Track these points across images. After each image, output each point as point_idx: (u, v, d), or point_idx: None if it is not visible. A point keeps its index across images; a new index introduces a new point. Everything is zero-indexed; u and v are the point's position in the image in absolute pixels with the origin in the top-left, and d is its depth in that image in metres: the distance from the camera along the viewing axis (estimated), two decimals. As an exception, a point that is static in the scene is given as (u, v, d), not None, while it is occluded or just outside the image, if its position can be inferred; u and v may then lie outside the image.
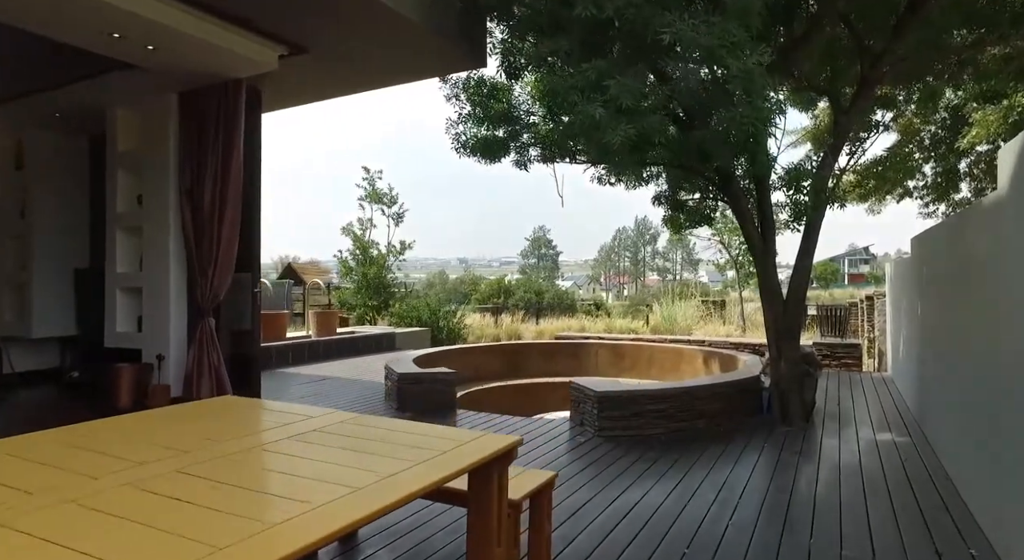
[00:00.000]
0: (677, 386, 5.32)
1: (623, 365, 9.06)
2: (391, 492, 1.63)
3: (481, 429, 5.49)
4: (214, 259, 5.83)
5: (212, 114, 5.81)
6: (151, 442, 2.16)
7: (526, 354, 9.40)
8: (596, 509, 3.66)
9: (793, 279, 5.73)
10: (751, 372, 6.07)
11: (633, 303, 39.26)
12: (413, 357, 7.87)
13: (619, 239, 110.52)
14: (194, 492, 1.63)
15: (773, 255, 5.76)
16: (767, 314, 5.82)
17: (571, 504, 3.72)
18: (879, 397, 6.94)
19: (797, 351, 5.72)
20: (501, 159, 6.55)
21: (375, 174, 14.80)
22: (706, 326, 17.49)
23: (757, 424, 5.61)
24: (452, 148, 6.17)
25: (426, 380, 6.15)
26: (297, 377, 8.46)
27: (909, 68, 6.19)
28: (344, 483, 1.69)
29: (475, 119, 6.26)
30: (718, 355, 7.89)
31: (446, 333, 13.45)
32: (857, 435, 5.29)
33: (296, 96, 6.89)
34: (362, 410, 6.16)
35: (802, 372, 5.71)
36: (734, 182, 5.67)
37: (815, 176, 5.04)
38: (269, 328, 10.17)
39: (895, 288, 8.01)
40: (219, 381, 5.88)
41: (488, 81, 6.25)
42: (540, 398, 8.42)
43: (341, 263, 14.58)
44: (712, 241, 19.71)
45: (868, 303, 11.05)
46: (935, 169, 12.15)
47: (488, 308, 26.87)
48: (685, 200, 6.98)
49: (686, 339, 10.16)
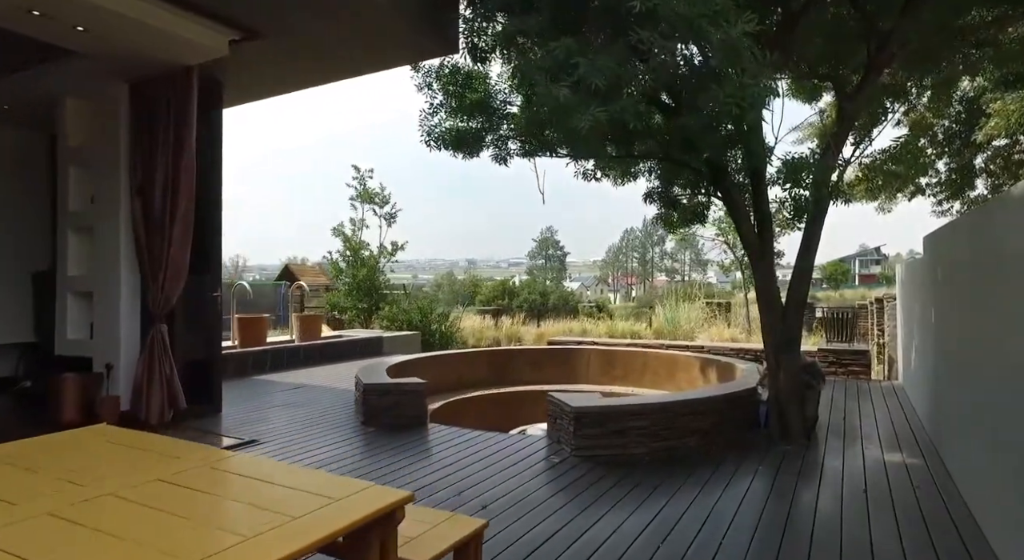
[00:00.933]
0: (662, 400, 4.82)
1: (615, 373, 8.57)
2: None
3: (448, 446, 5.03)
4: (165, 262, 5.41)
5: (163, 105, 5.40)
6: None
7: (513, 360, 8.92)
8: (560, 544, 3.19)
9: (793, 283, 5.23)
10: (748, 383, 5.57)
11: (640, 304, 38.70)
12: (389, 365, 7.42)
13: (627, 240, 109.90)
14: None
15: (771, 256, 5.26)
16: (764, 321, 5.32)
17: (532, 538, 3.25)
18: (889, 410, 6.41)
19: (798, 361, 5.21)
20: (478, 153, 6.09)
21: (365, 173, 14.40)
22: (710, 329, 16.94)
23: (753, 441, 5.11)
24: (422, 142, 5.72)
25: (394, 392, 5.70)
26: (271, 385, 8.04)
27: (920, 51, 5.66)
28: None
29: (448, 109, 5.81)
30: (715, 363, 7.39)
31: (438, 337, 13.00)
32: (864, 456, 4.78)
33: (258, 88, 6.48)
34: (327, 426, 5.72)
35: (803, 384, 5.21)
36: (727, 176, 5.18)
37: (817, 168, 4.54)
38: (249, 333, 9.78)
39: (906, 291, 7.47)
40: (171, 392, 5.46)
41: (463, 69, 5.80)
42: (525, 408, 7.95)
43: (331, 265, 14.17)
44: (716, 241, 19.16)
45: (878, 306, 10.48)
46: (949, 165, 11.56)
47: (489, 310, 26.47)
48: (678, 197, 6.49)
49: (684, 345, 9.65)
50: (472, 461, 4.64)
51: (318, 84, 6.36)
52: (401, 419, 5.66)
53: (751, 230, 5.23)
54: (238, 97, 6.54)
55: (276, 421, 5.90)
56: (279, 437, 5.31)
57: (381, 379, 5.92)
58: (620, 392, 8.16)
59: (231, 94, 6.36)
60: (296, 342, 10.53)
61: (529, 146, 5.94)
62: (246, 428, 5.65)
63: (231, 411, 6.30)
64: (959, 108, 10.42)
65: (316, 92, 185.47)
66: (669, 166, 5.90)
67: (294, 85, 6.41)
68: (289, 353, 9.78)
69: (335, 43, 5.36)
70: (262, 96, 6.68)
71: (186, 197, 5.42)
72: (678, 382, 8.04)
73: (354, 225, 14.74)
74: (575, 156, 5.44)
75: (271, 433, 5.44)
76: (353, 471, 4.40)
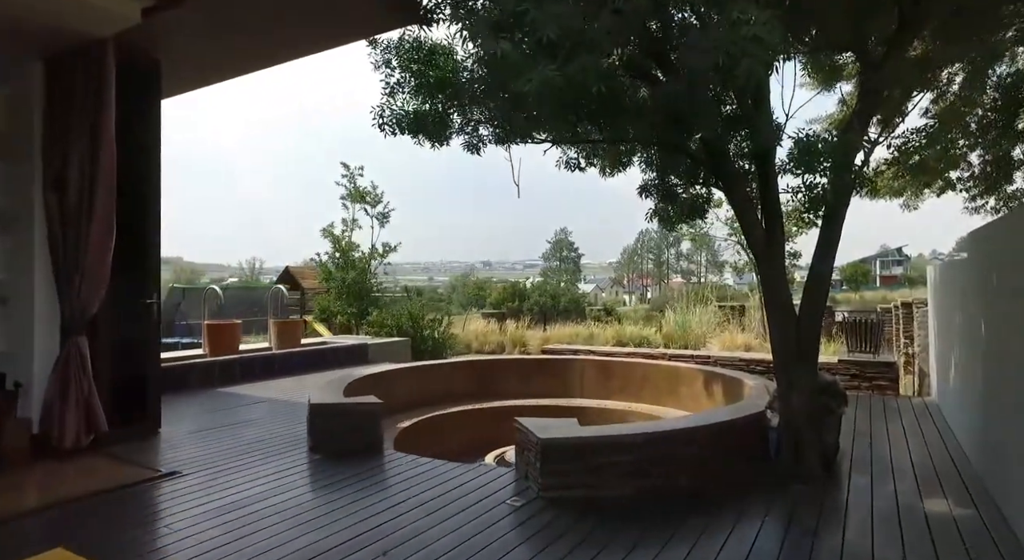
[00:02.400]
0: (649, 430, 4.01)
1: (612, 386, 7.76)
2: None
3: (400, 480, 4.28)
4: (81, 265, 4.73)
5: (79, 85, 4.72)
6: None
7: (501, 371, 8.15)
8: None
9: (809, 289, 4.39)
10: (755, 405, 4.74)
11: (654, 306, 37.66)
12: (357, 377, 6.70)
13: (642, 241, 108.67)
14: None
15: (781, 258, 4.44)
16: (774, 334, 4.49)
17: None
18: (923, 435, 5.53)
19: (814, 380, 4.38)
20: (447, 140, 5.33)
21: (355, 171, 13.72)
22: (722, 334, 16.01)
23: (760, 478, 4.29)
24: (375, 125, 4.97)
25: (345, 413, 4.96)
26: (233, 398, 7.35)
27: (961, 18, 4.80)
28: None
29: (408, 88, 5.06)
30: (720, 378, 6.55)
31: (431, 344, 12.26)
32: (898, 501, 3.91)
33: (200, 71, 5.80)
34: (271, 451, 5.00)
35: (821, 408, 4.37)
36: (728, 162, 4.37)
37: (837, 148, 3.71)
38: (219, 340, 9.13)
39: (942, 296, 6.56)
40: (89, 414, 4.77)
41: (426, 43, 5.06)
42: (508, 425, 7.16)
43: (320, 267, 13.52)
44: (729, 241, 18.21)
45: (905, 311, 9.52)
46: (983, 157, 10.58)
47: (494, 313, 25.72)
48: (675, 189, 5.67)
49: (689, 354, 8.79)
50: (421, 501, 3.88)
51: (267, 64, 5.67)
52: (353, 444, 4.92)
53: (757, 225, 4.41)
54: (180, 83, 5.86)
55: (216, 444, 5.19)
56: (209, 466, 4.60)
57: (333, 397, 5.19)
58: (616, 408, 7.36)
59: (173, 80, 5.69)
60: (273, 350, 9.87)
61: (501, 131, 5.18)
62: (177, 453, 4.95)
63: (172, 431, 5.61)
64: (995, 94, 9.46)
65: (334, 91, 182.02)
66: (664, 153, 5.09)
67: (239, 66, 5.71)
68: (263, 362, 9.10)
69: (272, 11, 4.66)
70: (207, 81, 6.00)
71: (106, 191, 4.74)
72: (680, 397, 7.21)
73: (346, 226, 14.08)
74: (518, 135, 4.66)
75: (202, 460, 4.73)
76: (274, 513, 3.67)
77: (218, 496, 3.98)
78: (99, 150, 4.67)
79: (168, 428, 5.68)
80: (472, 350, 21.93)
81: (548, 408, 7.49)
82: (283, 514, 3.68)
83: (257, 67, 5.72)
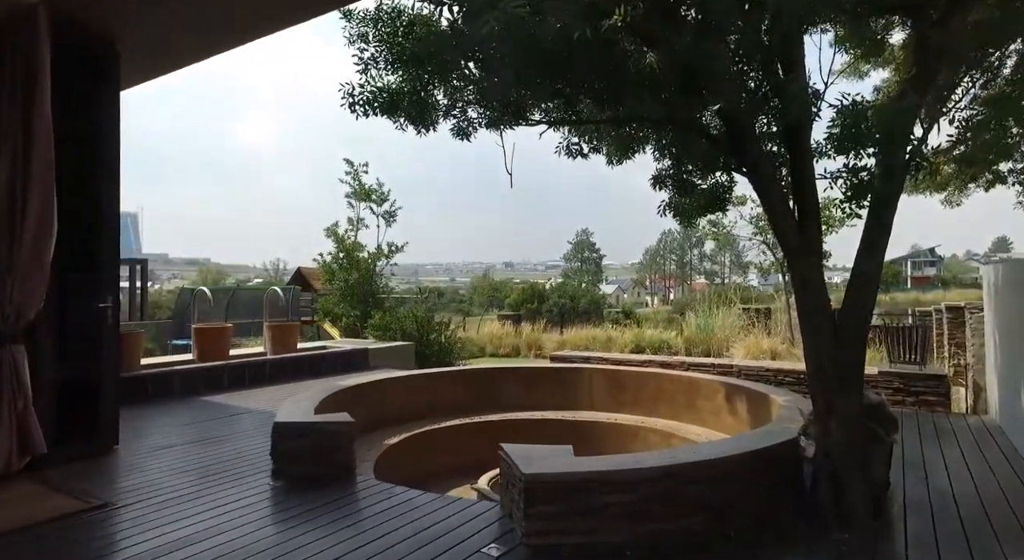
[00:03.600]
0: (656, 464, 3.30)
1: (623, 398, 7.05)
2: None
3: (367, 516, 3.67)
4: (13, 266, 4.20)
5: (7, 58, 4.19)
6: None
7: (503, 381, 7.50)
8: None
9: (851, 293, 3.65)
10: (786, 430, 4.01)
11: (676, 308, 36.63)
12: (340, 388, 6.11)
13: (664, 241, 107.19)
14: None
15: (817, 255, 3.70)
16: (809, 346, 3.75)
17: None
18: (988, 462, 4.72)
19: (859, 403, 3.63)
20: (432, 124, 4.70)
21: (360, 167, 13.19)
22: (747, 338, 15.13)
23: (792, 523, 3.56)
24: (343, 106, 4.35)
25: (313, 433, 4.35)
26: (213, 408, 6.83)
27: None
28: None
29: (385, 62, 4.44)
30: (744, 392, 5.80)
31: (436, 349, 11.66)
32: (971, 554, 3.16)
33: (164, 53, 5.25)
34: (231, 475, 4.43)
35: (867, 436, 3.63)
36: (753, 142, 3.65)
37: (896, 117, 2.98)
38: (207, 345, 8.62)
39: (1006, 300, 5.71)
40: (23, 434, 4.24)
41: (407, 12, 4.43)
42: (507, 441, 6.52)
43: (324, 268, 13.02)
44: (754, 241, 17.28)
45: (952, 316, 8.61)
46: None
47: (510, 315, 25.08)
48: (693, 178, 4.96)
49: (711, 363, 8.02)
50: (389, 543, 3.26)
51: (235, 42, 5.09)
52: (321, 469, 4.31)
53: (788, 217, 3.69)
54: (143, 68, 5.34)
55: (174, 466, 4.63)
56: (156, 493, 4.03)
57: (300, 415, 4.58)
58: (628, 423, 6.65)
59: (135, 65, 5.17)
60: (268, 355, 9.36)
61: (490, 112, 4.53)
62: (126, 478, 4.41)
63: (129, 450, 5.07)
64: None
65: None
66: (678, 135, 4.39)
67: (210, 43, 5.15)
68: (253, 368, 8.58)
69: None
70: (174, 65, 5.45)
71: (43, 187, 4.21)
72: (698, 411, 6.48)
73: (351, 225, 13.56)
74: (509, 116, 4.01)
75: (150, 487, 4.16)
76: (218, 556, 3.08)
77: (156, 532, 3.41)
78: (33, 136, 4.15)
79: (128, 445, 5.14)
80: (486, 353, 21.36)
81: (551, 422, 6.84)
82: (227, 557, 3.09)
83: (221, 47, 5.16)
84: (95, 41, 4.77)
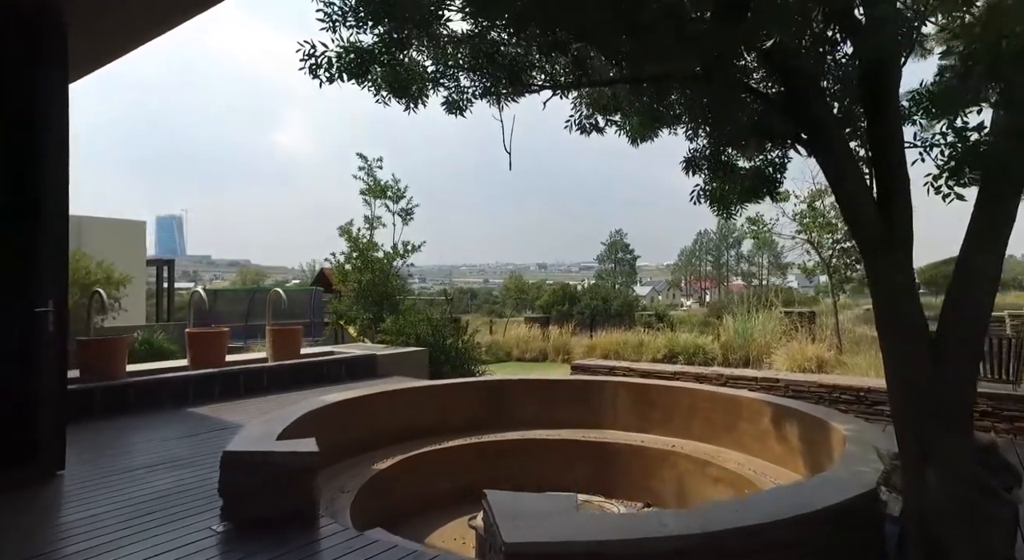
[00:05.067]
0: (687, 532, 2.43)
1: (652, 416, 6.16)
2: None
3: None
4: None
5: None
6: None
7: (517, 394, 6.69)
8: None
9: (956, 297, 2.71)
10: (858, 477, 3.08)
11: (711, 311, 35.12)
12: (326, 403, 5.39)
13: (700, 242, 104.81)
14: None
15: (907, 250, 2.78)
16: (893, 369, 2.83)
17: None
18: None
19: (967, 447, 2.70)
20: (419, 97, 3.94)
21: (374, 162, 12.54)
22: (790, 344, 13.96)
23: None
24: (302, 69, 3.60)
25: (269, 466, 3.61)
26: (194, 423, 6.20)
27: None
28: None
29: (356, 19, 3.68)
30: (797, 416, 4.84)
31: (454, 354, 10.90)
32: None
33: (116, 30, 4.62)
34: (175, 513, 3.74)
35: (978, 493, 2.69)
36: (818, 96, 2.75)
37: None
38: (201, 350, 8.05)
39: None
40: (-64, 460, 3.61)
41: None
42: (523, 464, 5.73)
43: (336, 268, 12.42)
44: (798, 240, 16.02)
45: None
46: None
47: (536, 318, 24.23)
48: (734, 159, 4.05)
49: (751, 376, 7.03)
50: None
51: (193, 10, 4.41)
52: (276, 510, 3.56)
53: (864, 198, 2.78)
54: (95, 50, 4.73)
55: (116, 498, 3.96)
56: (75, 540, 3.35)
57: (259, 441, 3.85)
58: (656, 447, 5.76)
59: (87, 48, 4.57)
60: (269, 361, 8.75)
61: (485, 77, 3.74)
62: (52, 516, 3.76)
63: (75, 477, 4.43)
64: None
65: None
66: (718, 97, 3.50)
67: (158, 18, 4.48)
68: (250, 376, 7.94)
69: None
70: (132, 37, 4.81)
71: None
72: (739, 434, 5.55)
73: (368, 223, 12.94)
74: (506, 81, 3.20)
75: (73, 530, 3.49)
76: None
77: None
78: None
79: (76, 471, 4.51)
80: (512, 358, 20.57)
81: (568, 443, 6.00)
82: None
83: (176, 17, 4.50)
84: (36, 22, 4.15)
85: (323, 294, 20.24)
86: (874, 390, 5.94)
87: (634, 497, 5.75)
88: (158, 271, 24.71)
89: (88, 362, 6.75)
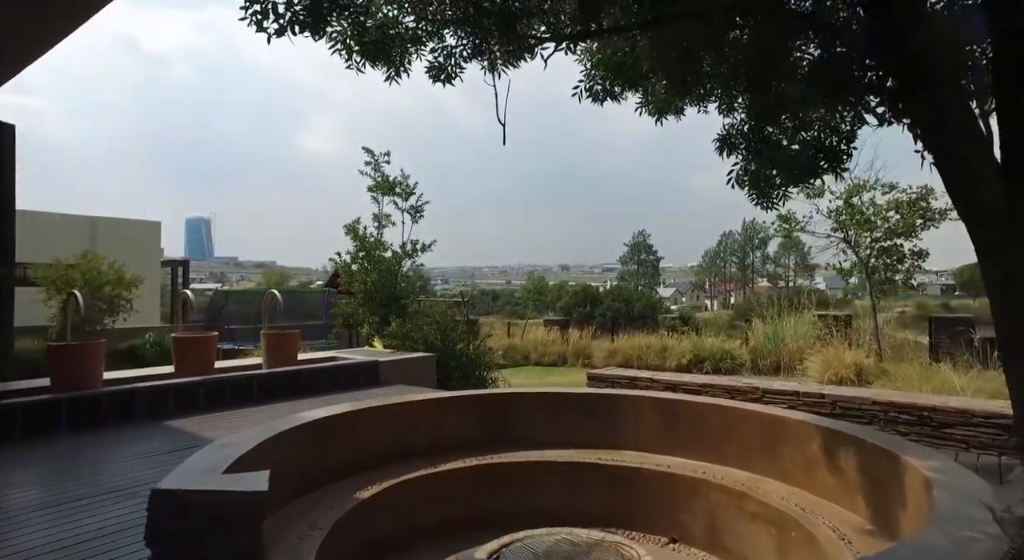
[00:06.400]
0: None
1: (678, 435, 5.38)
2: None
3: None
4: None
5: None
6: None
7: (524, 409, 5.96)
8: None
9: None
10: (964, 547, 2.29)
11: (738, 314, 33.89)
12: (303, 421, 4.71)
13: (725, 243, 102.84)
14: None
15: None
16: (1020, 386, 2.05)
17: None
18: None
19: None
20: (398, 63, 3.27)
21: (381, 157, 11.93)
22: (825, 349, 12.99)
23: None
24: (248, 20, 2.94)
25: (204, 507, 2.94)
26: (163, 438, 5.64)
27: None
28: None
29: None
30: (855, 444, 4.02)
31: (463, 360, 10.22)
32: None
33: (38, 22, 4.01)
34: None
35: None
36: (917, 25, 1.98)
37: None
38: (188, 356, 7.50)
39: None
40: None
41: None
42: (519, 492, 4.99)
43: (341, 269, 11.84)
44: (833, 239, 14.98)
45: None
46: None
47: (556, 321, 23.44)
48: (772, 132, 3.28)
49: (791, 391, 6.19)
50: None
51: None
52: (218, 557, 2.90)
53: (989, 177, 2.00)
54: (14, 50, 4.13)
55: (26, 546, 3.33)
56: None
57: (199, 476, 3.18)
58: (683, 473, 4.99)
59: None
60: (263, 368, 8.17)
61: (472, 32, 3.04)
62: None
63: (11, 501, 3.85)
64: None
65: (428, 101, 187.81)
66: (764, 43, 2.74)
67: None
68: (238, 385, 7.36)
69: None
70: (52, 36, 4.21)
71: None
72: (780, 460, 4.74)
73: (378, 221, 12.35)
74: (497, 35, 2.48)
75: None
76: None
77: None
78: None
79: (9, 496, 3.93)
80: (530, 362, 19.84)
81: (580, 466, 5.27)
82: None
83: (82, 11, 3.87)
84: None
85: (336, 295, 19.79)
86: (940, 410, 5.08)
87: (658, 530, 4.99)
88: (173, 272, 24.56)
89: (59, 370, 6.20)
